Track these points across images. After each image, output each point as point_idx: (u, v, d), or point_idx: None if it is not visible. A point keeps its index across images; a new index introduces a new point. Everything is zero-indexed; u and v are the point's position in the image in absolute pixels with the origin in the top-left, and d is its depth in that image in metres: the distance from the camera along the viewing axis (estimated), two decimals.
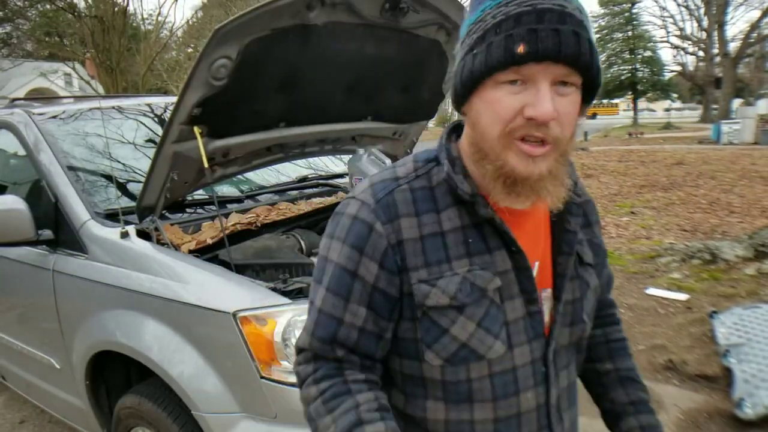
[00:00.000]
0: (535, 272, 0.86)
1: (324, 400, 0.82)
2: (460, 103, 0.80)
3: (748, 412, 2.54)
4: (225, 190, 2.50)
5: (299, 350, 0.88)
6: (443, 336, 0.81)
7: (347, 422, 0.79)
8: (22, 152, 2.38)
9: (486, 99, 0.75)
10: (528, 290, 0.84)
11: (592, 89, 0.77)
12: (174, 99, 2.10)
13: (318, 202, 2.55)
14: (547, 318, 0.88)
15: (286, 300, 1.58)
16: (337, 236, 0.84)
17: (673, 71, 42.19)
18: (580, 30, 0.72)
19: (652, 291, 4.35)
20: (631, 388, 1.04)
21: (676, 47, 39.22)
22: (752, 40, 30.80)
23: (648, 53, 40.84)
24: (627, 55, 39.95)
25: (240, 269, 1.82)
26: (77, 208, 2.05)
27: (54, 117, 2.50)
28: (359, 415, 0.79)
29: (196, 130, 1.81)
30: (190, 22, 23.93)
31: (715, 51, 32.71)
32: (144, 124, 2.71)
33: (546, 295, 0.88)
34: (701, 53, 36.17)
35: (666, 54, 71.73)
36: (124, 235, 1.88)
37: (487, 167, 0.78)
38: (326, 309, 0.84)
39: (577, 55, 0.72)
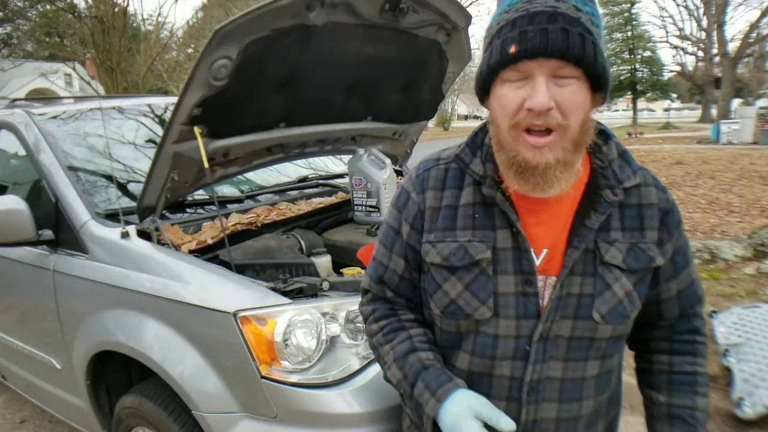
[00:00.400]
0: (540, 258, 0.92)
1: (384, 334, 1.05)
2: (481, 101, 0.92)
3: (748, 411, 2.54)
4: (225, 190, 2.50)
5: (364, 291, 1.13)
6: (438, 290, 0.98)
7: (403, 349, 1.00)
8: (22, 152, 2.38)
9: (496, 96, 0.87)
10: (526, 271, 0.91)
11: (597, 78, 0.82)
12: (174, 99, 2.10)
13: (318, 202, 2.55)
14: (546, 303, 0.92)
15: (286, 300, 1.58)
16: (392, 202, 1.07)
17: (672, 71, 42.23)
18: (570, 26, 0.78)
19: None
20: (679, 428, 0.99)
21: (675, 47, 39.24)
22: (751, 40, 30.78)
23: (647, 53, 40.80)
24: (626, 55, 39.90)
25: (240, 269, 1.82)
26: (78, 209, 2.05)
27: (54, 117, 2.50)
28: (413, 344, 1.00)
29: (197, 130, 1.81)
30: (191, 23, 23.96)
31: (715, 51, 32.70)
32: (144, 125, 2.71)
33: (551, 282, 0.92)
34: (700, 53, 36.16)
35: (665, 54, 71.50)
36: (125, 235, 1.88)
37: (502, 157, 0.89)
38: (378, 257, 1.08)
39: (565, 50, 0.78)
